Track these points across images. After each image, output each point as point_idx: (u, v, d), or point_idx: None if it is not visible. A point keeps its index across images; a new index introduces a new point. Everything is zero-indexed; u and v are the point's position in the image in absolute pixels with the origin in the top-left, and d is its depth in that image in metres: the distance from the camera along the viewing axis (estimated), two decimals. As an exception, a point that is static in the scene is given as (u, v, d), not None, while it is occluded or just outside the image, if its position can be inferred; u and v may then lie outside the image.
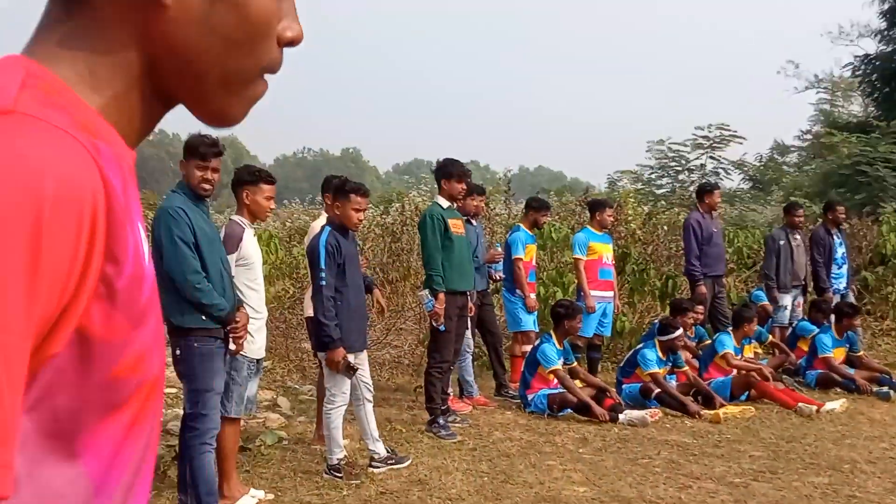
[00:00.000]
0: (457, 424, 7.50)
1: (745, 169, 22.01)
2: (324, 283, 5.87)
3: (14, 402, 0.69)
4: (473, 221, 8.27)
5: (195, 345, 4.82)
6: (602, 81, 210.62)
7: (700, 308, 9.56)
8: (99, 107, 0.85)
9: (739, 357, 8.90)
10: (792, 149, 28.36)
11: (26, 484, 0.74)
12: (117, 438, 0.83)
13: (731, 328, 9.19)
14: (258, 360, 5.65)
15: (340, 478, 5.96)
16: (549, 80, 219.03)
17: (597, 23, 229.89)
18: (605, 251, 9.29)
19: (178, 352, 4.88)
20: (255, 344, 5.42)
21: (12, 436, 0.69)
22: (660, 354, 8.52)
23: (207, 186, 4.94)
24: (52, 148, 0.73)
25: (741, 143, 20.08)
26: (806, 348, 9.78)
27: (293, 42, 0.94)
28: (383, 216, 14.03)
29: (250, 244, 5.50)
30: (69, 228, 0.72)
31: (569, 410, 8.02)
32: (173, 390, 7.95)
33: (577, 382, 8.26)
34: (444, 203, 7.44)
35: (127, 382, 0.81)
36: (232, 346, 5.01)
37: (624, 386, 8.61)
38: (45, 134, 0.73)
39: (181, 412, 5.15)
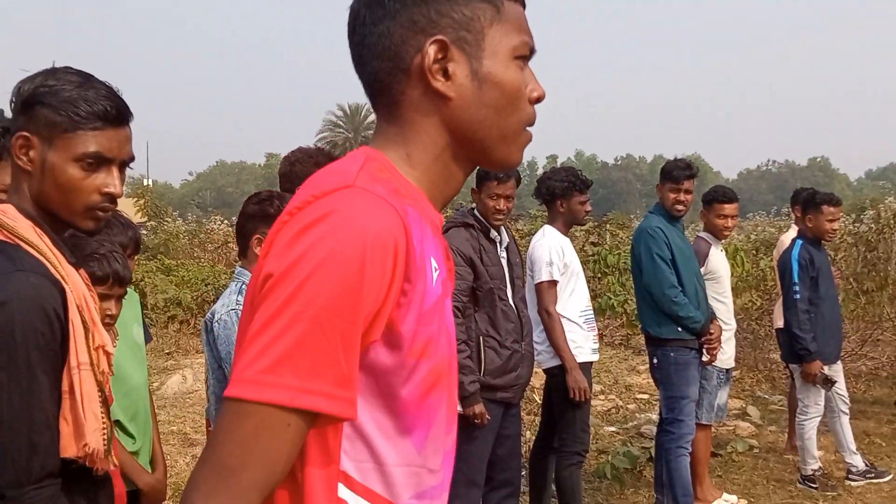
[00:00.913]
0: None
1: None
2: (798, 296, 5.74)
3: (351, 362, 1.02)
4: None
5: (672, 354, 4.94)
6: None
7: None
8: (414, 178, 1.18)
9: None
10: None
11: (363, 432, 1.08)
12: (439, 407, 1.14)
13: None
14: (727, 370, 5.65)
15: (815, 488, 5.80)
16: None
17: None
18: None
19: (654, 360, 5.05)
20: (725, 354, 5.41)
21: (350, 381, 1.02)
22: None
23: (681, 207, 5.07)
24: (374, 209, 1.05)
25: None
26: None
27: (540, 99, 1.21)
28: (856, 224, 13.07)
29: (717, 258, 5.53)
30: (382, 259, 1.02)
31: None
32: (645, 396, 8.22)
33: None
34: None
35: (421, 366, 1.09)
36: (706, 357, 5.05)
37: None
38: (370, 200, 1.05)
39: (655, 417, 5.31)
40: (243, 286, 3.01)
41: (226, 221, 21.40)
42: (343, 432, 1.06)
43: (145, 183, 33.40)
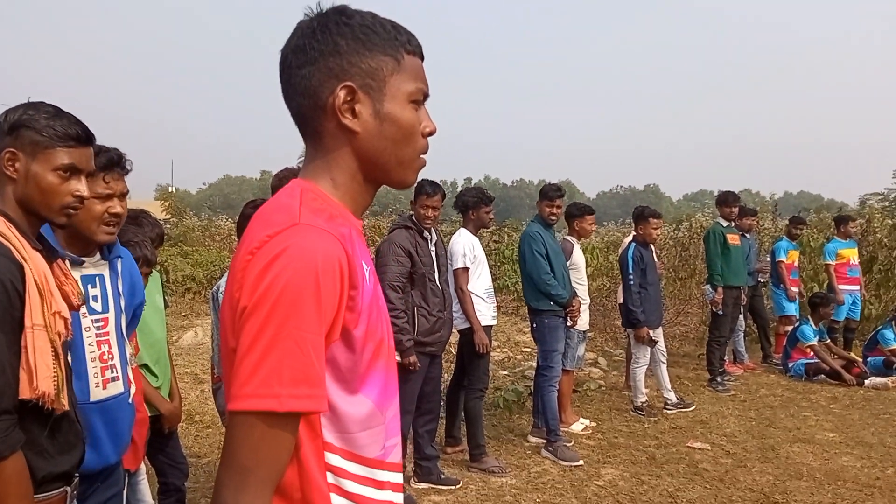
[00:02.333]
0: (731, 382, 7.03)
1: None
2: (632, 282, 5.86)
3: (321, 364, 0.95)
4: (747, 235, 7.71)
5: (546, 320, 5.00)
6: (852, 107, 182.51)
7: None
8: (339, 198, 1.08)
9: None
10: None
11: (335, 410, 1.01)
12: (381, 377, 1.07)
13: None
14: (584, 332, 5.73)
15: (643, 415, 5.89)
16: (810, 110, 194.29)
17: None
18: (852, 254, 8.32)
19: (534, 325, 5.11)
20: (583, 320, 5.49)
21: (322, 380, 0.96)
22: (896, 333, 7.47)
23: (554, 217, 5.17)
24: (318, 240, 0.96)
25: None
26: None
27: (432, 133, 1.12)
28: (675, 231, 13.42)
29: (578, 254, 5.60)
30: (332, 278, 0.96)
31: (822, 376, 7.22)
32: (528, 349, 8.34)
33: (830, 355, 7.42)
34: (724, 222, 7.06)
35: (369, 344, 1.03)
36: (569, 322, 5.13)
37: (868, 358, 7.58)
38: (313, 234, 0.97)
39: (534, 364, 5.38)
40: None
41: (230, 220, 20.92)
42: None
43: (170, 190, 32.39)
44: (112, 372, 1.97)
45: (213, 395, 3.12)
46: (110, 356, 1.96)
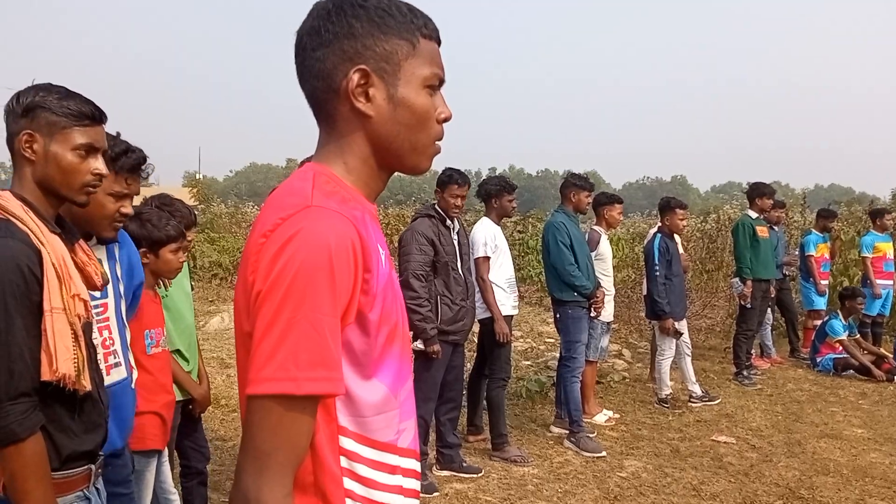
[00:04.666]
0: (757, 376, 6.93)
1: None
2: (657, 273, 5.79)
3: (337, 347, 0.94)
4: (776, 228, 7.58)
5: (569, 311, 4.97)
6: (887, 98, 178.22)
7: None
8: (352, 183, 1.07)
9: None
10: None
11: (350, 394, 1.00)
12: (395, 361, 1.06)
13: None
14: (608, 323, 5.70)
15: (667, 407, 5.86)
16: (840, 102, 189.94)
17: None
18: (888, 248, 8.11)
19: (557, 315, 5.09)
20: (607, 311, 5.46)
21: (339, 363, 0.95)
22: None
23: (585, 208, 5.18)
24: (332, 222, 0.96)
25: None
26: None
27: (447, 119, 1.10)
28: (702, 223, 13.24)
29: (605, 245, 5.56)
30: (346, 261, 0.95)
31: (851, 371, 7.08)
32: (552, 340, 8.31)
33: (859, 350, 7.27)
34: (754, 214, 6.94)
35: (384, 328, 1.02)
36: (593, 313, 5.11)
37: (900, 354, 7.40)
38: (326, 215, 0.96)
39: (558, 354, 5.37)
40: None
41: (256, 207, 21.12)
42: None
43: (197, 177, 32.72)
44: (114, 358, 1.97)
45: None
46: (111, 342, 1.96)
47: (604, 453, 4.75)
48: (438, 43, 1.09)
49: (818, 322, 7.67)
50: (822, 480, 4.37)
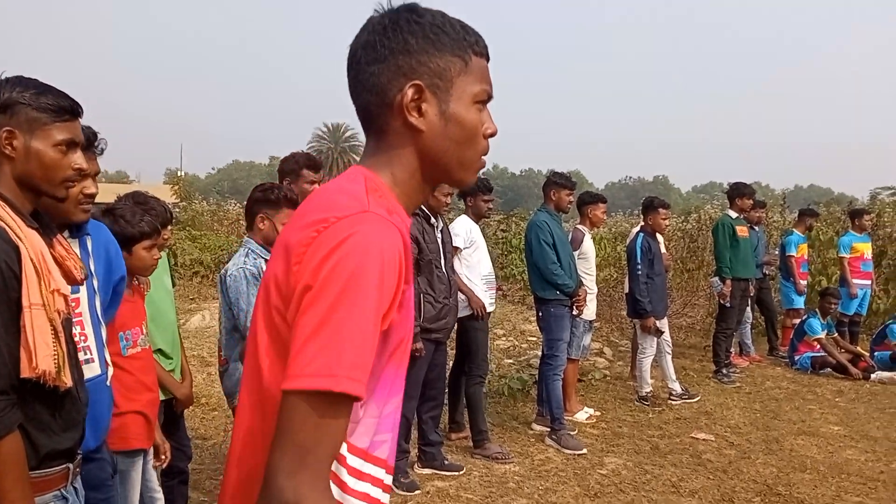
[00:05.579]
0: (736, 374, 7.01)
1: None
2: (639, 272, 5.83)
3: (373, 355, 0.94)
4: (756, 227, 7.68)
5: (552, 309, 4.99)
6: (865, 105, 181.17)
7: None
8: (397, 195, 1.08)
9: None
10: None
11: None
12: (391, 375, 1.05)
13: None
14: (590, 321, 5.72)
15: (647, 405, 5.89)
16: (824, 105, 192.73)
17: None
18: (866, 248, 8.25)
19: (539, 313, 5.11)
20: (589, 310, 5.48)
21: (368, 369, 0.93)
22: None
23: (567, 206, 5.17)
24: (384, 230, 0.96)
25: None
26: None
27: (493, 135, 1.12)
28: (684, 223, 13.36)
29: (588, 244, 5.59)
30: (393, 271, 0.95)
31: (828, 369, 7.20)
32: (534, 338, 8.34)
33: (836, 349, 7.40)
34: (734, 214, 7.02)
35: (394, 337, 1.01)
36: (575, 312, 5.13)
37: (875, 353, 7.54)
38: (381, 223, 0.97)
39: (540, 353, 5.39)
40: (249, 251, 2.97)
41: (238, 204, 20.97)
42: None
43: (179, 174, 32.43)
44: (86, 354, 1.93)
45: (219, 378, 3.14)
46: (83, 338, 1.92)
47: (584, 451, 4.78)
48: (488, 59, 1.12)
49: (797, 321, 7.77)
50: (799, 477, 4.44)
